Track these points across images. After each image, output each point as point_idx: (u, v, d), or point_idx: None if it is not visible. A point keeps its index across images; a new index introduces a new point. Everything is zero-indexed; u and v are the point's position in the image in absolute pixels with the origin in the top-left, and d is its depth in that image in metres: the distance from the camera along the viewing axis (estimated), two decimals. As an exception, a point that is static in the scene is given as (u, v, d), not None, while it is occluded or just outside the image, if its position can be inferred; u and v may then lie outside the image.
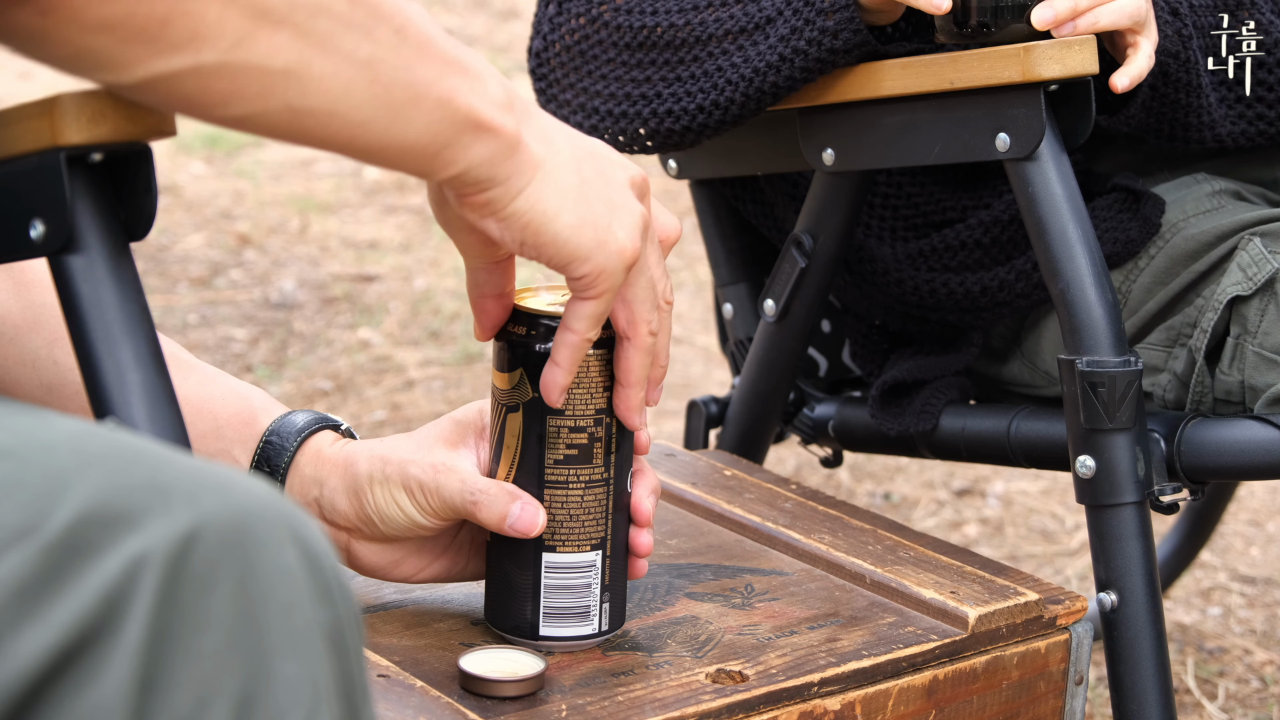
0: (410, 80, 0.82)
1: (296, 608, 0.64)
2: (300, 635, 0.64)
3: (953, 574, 1.17)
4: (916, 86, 1.37)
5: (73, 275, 0.85)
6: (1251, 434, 1.35)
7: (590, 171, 0.91)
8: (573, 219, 0.89)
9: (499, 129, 0.85)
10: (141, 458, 0.65)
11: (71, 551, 0.61)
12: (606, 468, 1.01)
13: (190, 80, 0.77)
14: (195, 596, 0.62)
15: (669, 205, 4.15)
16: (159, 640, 0.61)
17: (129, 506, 0.62)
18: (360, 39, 0.80)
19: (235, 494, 0.64)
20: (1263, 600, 2.28)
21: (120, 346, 0.84)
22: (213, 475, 0.65)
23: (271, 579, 0.64)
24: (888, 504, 2.56)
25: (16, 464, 0.64)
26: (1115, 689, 1.32)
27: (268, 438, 1.07)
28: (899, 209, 1.56)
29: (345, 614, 0.67)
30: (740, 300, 1.68)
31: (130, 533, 0.62)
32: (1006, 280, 1.48)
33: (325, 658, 0.65)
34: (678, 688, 1.01)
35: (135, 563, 0.61)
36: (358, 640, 0.68)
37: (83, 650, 0.61)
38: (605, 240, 0.90)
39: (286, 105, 0.79)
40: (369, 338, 3.14)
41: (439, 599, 1.12)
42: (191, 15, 0.74)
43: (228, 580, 0.63)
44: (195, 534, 0.62)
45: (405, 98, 0.82)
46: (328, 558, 0.66)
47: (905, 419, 1.53)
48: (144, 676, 0.61)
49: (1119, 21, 1.33)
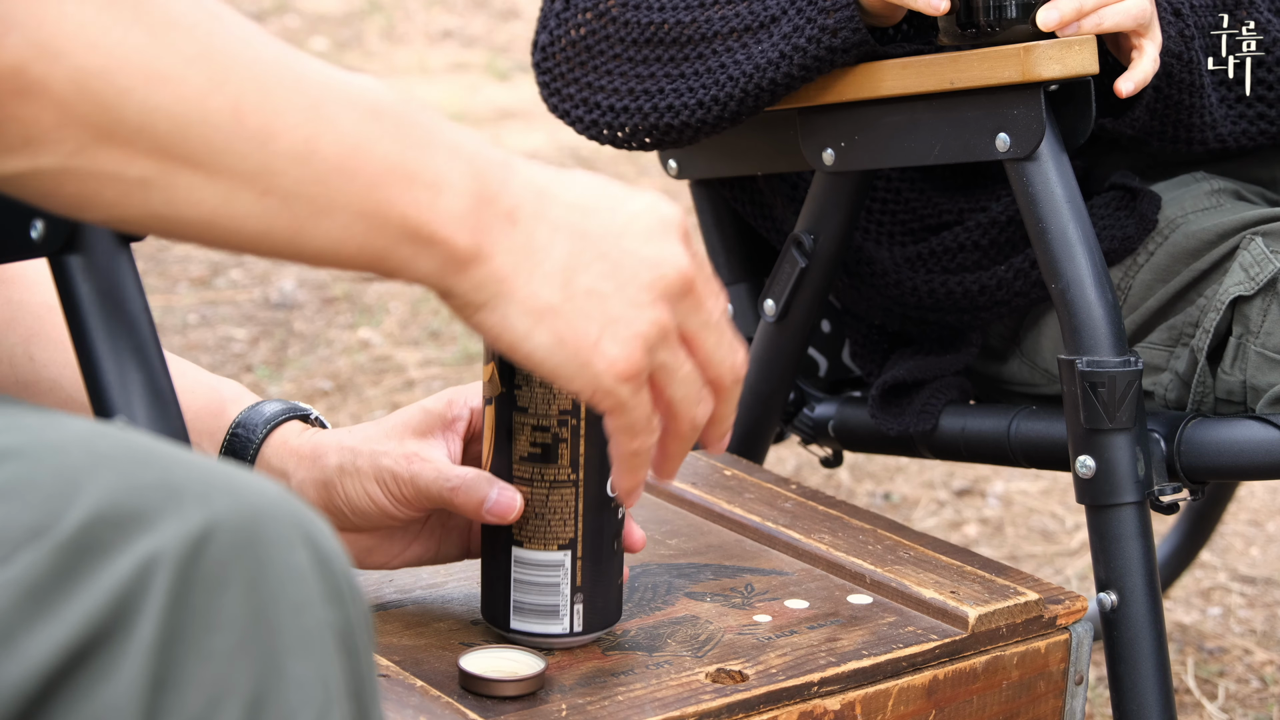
0: (316, 194, 0.73)
1: (308, 608, 0.64)
2: (311, 635, 0.64)
3: (953, 574, 1.17)
4: (916, 86, 1.37)
5: (73, 275, 0.85)
6: (1252, 434, 1.35)
7: (591, 278, 0.81)
8: (546, 340, 0.80)
9: (445, 241, 0.77)
10: (153, 457, 0.65)
11: (84, 551, 0.61)
12: (574, 469, 1.01)
13: (37, 181, 0.70)
14: (207, 596, 0.62)
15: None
16: (171, 640, 0.61)
17: (141, 506, 0.62)
18: (248, 153, 0.72)
19: (247, 494, 0.64)
20: (1263, 600, 2.28)
21: (121, 347, 0.84)
22: (224, 475, 0.65)
23: (283, 579, 0.64)
24: (888, 504, 2.56)
25: (28, 463, 0.64)
26: (1115, 689, 1.32)
27: (234, 429, 1.06)
28: (896, 213, 1.56)
29: (356, 614, 0.67)
30: (740, 300, 1.68)
31: (142, 533, 0.62)
32: (1005, 279, 1.48)
33: (336, 658, 0.65)
34: (678, 687, 1.01)
35: (147, 562, 0.61)
36: (368, 641, 0.68)
37: (95, 649, 0.61)
38: (589, 361, 0.81)
39: (152, 214, 0.72)
40: (369, 338, 3.14)
41: (439, 599, 1.12)
42: (22, 121, 0.68)
43: (239, 580, 0.63)
44: (207, 534, 0.63)
45: (309, 211, 0.74)
46: (339, 559, 0.66)
47: (905, 419, 1.53)
48: (156, 676, 0.61)
49: (1123, 23, 1.33)
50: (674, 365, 0.85)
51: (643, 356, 0.83)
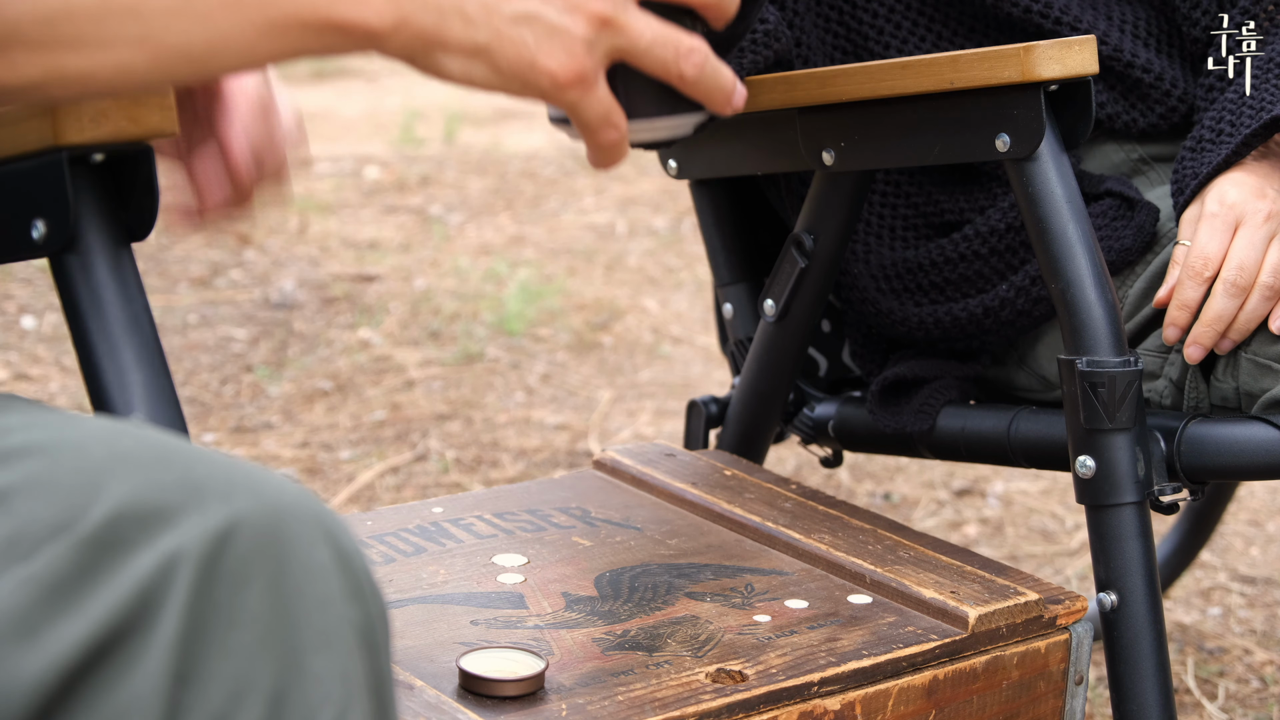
0: (198, 40, 0.77)
1: (329, 605, 0.65)
2: (332, 632, 0.65)
3: (953, 574, 1.17)
4: (916, 86, 1.37)
5: (74, 275, 0.85)
6: (1251, 434, 1.35)
7: (513, 6, 0.84)
8: (484, 73, 0.83)
9: (364, 25, 0.80)
10: (175, 455, 0.65)
11: (107, 547, 0.62)
12: None
13: None
14: (229, 593, 0.62)
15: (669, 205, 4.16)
16: (193, 635, 0.62)
17: (164, 503, 0.63)
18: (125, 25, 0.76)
19: (269, 492, 0.65)
20: (1263, 600, 2.28)
21: (121, 347, 0.84)
22: (246, 473, 0.65)
23: (305, 576, 0.64)
24: (888, 504, 2.56)
25: (50, 461, 0.64)
26: (1115, 689, 1.32)
27: None
28: (899, 209, 1.56)
29: (376, 612, 0.67)
30: (740, 300, 1.68)
31: (165, 529, 0.62)
32: (1008, 298, 1.48)
33: (357, 654, 0.66)
34: (678, 687, 1.01)
35: (170, 559, 0.62)
36: (387, 638, 0.68)
37: (118, 644, 0.61)
38: (531, 80, 0.84)
39: (56, 97, 0.76)
40: (369, 338, 3.14)
41: (439, 599, 1.12)
42: None
43: (261, 577, 0.63)
44: (230, 531, 0.63)
45: (203, 51, 0.77)
46: (359, 556, 0.67)
47: (902, 417, 1.53)
48: (178, 671, 0.61)
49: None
50: (630, 42, 0.86)
51: (584, 58, 0.85)
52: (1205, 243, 1.37)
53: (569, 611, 1.12)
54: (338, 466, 2.61)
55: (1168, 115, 1.53)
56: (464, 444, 2.71)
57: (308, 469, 2.59)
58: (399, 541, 1.24)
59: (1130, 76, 1.52)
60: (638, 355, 3.17)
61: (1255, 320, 1.36)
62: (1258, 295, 1.35)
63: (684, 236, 3.92)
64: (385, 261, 3.59)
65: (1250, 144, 1.39)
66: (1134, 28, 1.55)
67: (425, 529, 1.27)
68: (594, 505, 1.33)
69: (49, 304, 3.23)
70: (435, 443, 2.70)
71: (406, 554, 1.21)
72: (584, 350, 3.18)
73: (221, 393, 2.87)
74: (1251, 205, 1.37)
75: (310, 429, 2.74)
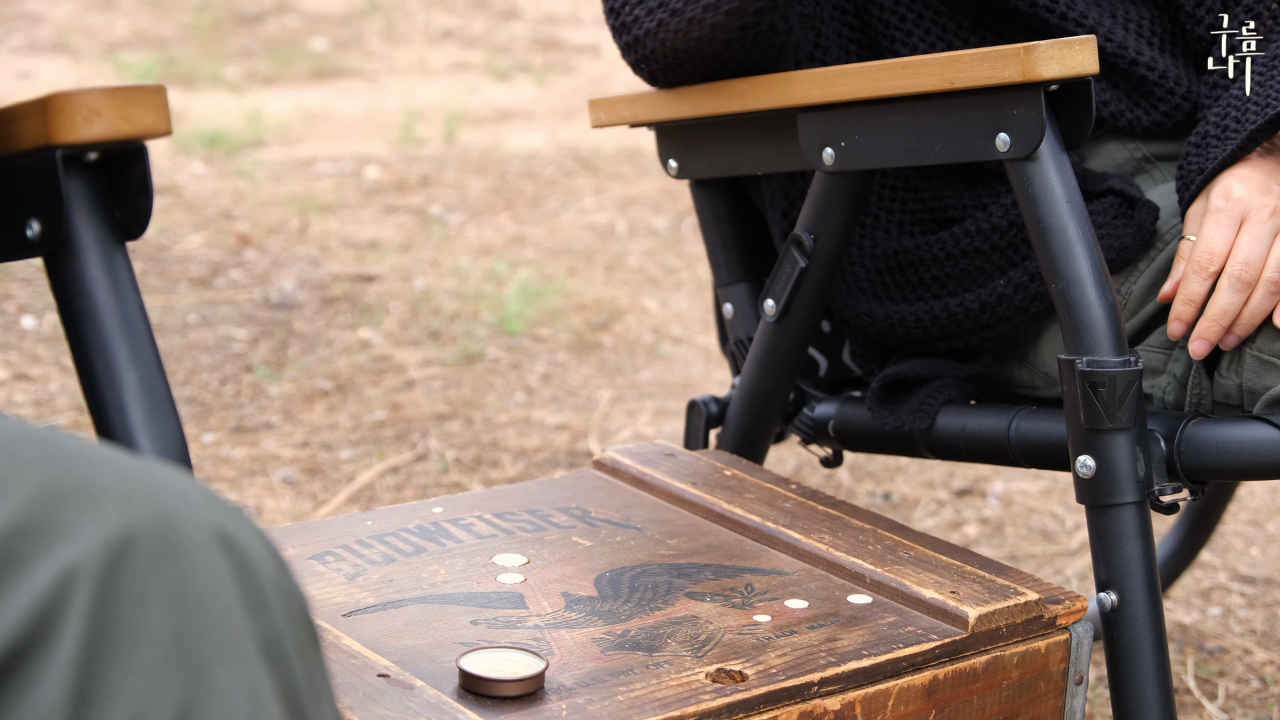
0: None
1: (230, 617, 0.63)
2: (236, 644, 0.63)
3: (953, 574, 1.17)
4: (916, 86, 1.37)
5: (68, 275, 0.85)
6: (1251, 434, 1.35)
7: None
8: None
9: None
10: (76, 461, 0.63)
11: (1, 565, 0.60)
12: None
13: None
14: (130, 607, 0.61)
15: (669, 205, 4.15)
16: (94, 653, 0.60)
17: (59, 516, 0.61)
18: None
19: (166, 500, 0.63)
20: (1263, 600, 2.28)
21: (115, 346, 0.84)
22: (146, 478, 0.63)
23: (205, 588, 0.62)
24: (888, 504, 2.56)
25: None
26: (1115, 689, 1.32)
27: None
28: (906, 201, 1.57)
29: (282, 620, 0.65)
30: (740, 300, 1.68)
31: (61, 543, 0.60)
32: (1005, 294, 1.48)
33: (262, 666, 0.63)
34: (678, 687, 1.00)
35: (67, 574, 0.60)
36: (303, 643, 0.66)
37: (15, 664, 0.59)
38: None
39: None
40: (369, 338, 3.14)
41: (439, 599, 1.12)
42: None
43: (162, 589, 0.61)
44: (127, 543, 0.61)
45: None
46: (262, 564, 0.65)
47: (901, 415, 1.53)
48: (79, 690, 0.59)
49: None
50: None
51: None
52: (1210, 238, 1.36)
53: (569, 611, 1.12)
54: (338, 466, 2.60)
55: (1171, 113, 1.53)
56: (464, 444, 2.71)
57: (308, 469, 2.59)
58: (399, 541, 1.24)
59: (1134, 74, 1.52)
60: (638, 355, 3.17)
61: (1260, 315, 1.35)
62: (1263, 290, 1.35)
63: (684, 236, 3.92)
64: (385, 261, 3.59)
65: (1255, 140, 1.39)
66: (1139, 26, 1.55)
67: (425, 529, 1.26)
68: (594, 505, 1.33)
69: (49, 304, 3.23)
70: (435, 443, 2.70)
71: (406, 554, 1.21)
72: (584, 350, 3.18)
73: (221, 393, 2.87)
74: (1257, 201, 1.36)
75: (310, 429, 2.74)
